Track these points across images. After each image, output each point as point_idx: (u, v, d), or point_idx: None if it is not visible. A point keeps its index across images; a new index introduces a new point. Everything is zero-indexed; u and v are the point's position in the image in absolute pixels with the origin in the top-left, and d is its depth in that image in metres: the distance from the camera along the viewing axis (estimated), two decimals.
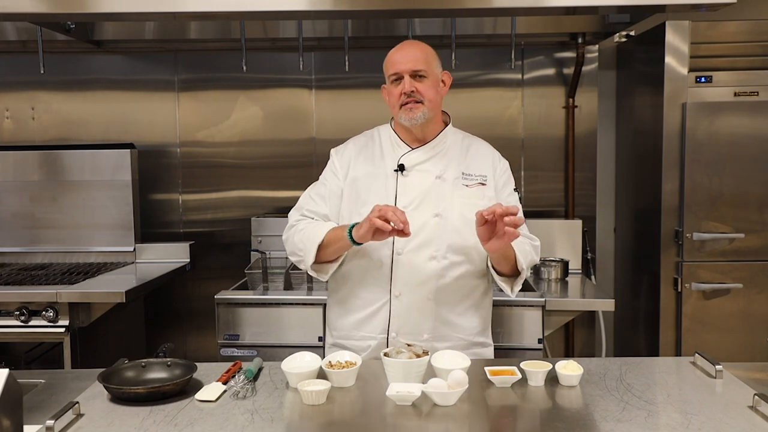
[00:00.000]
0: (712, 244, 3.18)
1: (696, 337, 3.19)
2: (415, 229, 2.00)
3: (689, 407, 1.62)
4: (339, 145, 2.26)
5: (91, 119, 3.83)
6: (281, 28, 3.55)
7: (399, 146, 2.14)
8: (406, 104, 2.03)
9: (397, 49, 2.09)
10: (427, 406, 1.62)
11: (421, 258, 2.04)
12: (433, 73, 2.07)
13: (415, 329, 2.06)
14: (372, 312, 2.08)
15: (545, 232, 3.52)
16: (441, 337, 2.07)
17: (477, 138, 2.25)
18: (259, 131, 3.80)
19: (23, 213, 3.68)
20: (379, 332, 2.08)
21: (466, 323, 2.11)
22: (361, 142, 2.22)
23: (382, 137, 2.19)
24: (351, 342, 2.12)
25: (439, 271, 2.04)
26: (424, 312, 2.05)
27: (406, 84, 2.03)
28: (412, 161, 2.10)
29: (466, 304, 2.11)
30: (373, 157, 2.15)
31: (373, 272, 2.06)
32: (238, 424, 1.55)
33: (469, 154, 2.17)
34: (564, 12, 3.01)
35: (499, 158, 2.21)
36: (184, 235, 3.85)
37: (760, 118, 3.14)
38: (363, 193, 2.10)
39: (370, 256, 2.05)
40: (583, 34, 3.55)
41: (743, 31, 3.19)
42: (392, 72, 2.06)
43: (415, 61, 2.04)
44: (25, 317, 2.91)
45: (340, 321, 2.16)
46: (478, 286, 2.13)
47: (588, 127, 3.75)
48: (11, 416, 1.32)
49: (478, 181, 2.12)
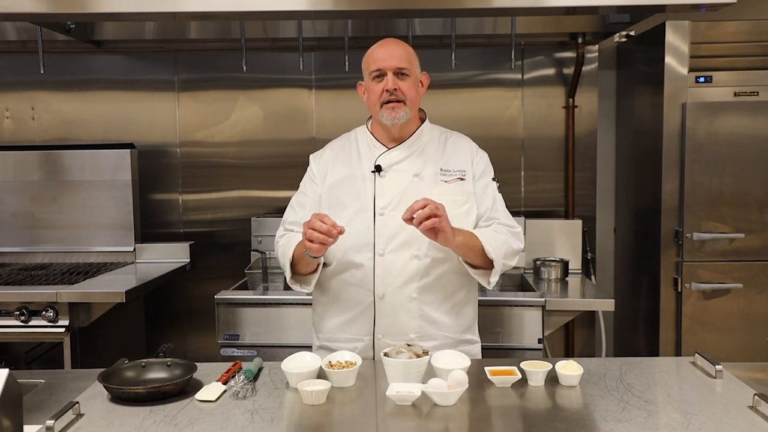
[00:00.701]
0: (712, 244, 3.18)
1: (696, 337, 3.19)
2: (395, 230, 2.02)
3: (689, 407, 1.62)
4: (317, 151, 2.25)
5: (91, 119, 3.82)
6: (281, 28, 3.55)
7: (375, 147, 2.12)
8: (389, 103, 2.02)
9: (379, 46, 2.07)
10: (427, 406, 1.62)
11: (403, 258, 2.03)
12: (414, 73, 2.06)
13: (400, 329, 2.05)
14: (357, 314, 2.08)
15: (545, 232, 3.53)
16: (427, 336, 2.06)
17: (455, 132, 2.23)
18: (259, 131, 3.80)
19: (23, 213, 3.68)
20: (365, 333, 2.08)
21: (451, 321, 2.10)
22: (338, 145, 2.21)
23: (359, 139, 2.18)
24: (337, 344, 2.10)
25: (421, 270, 2.03)
26: (408, 312, 2.05)
27: (389, 81, 2.01)
28: (388, 161, 2.09)
29: (451, 302, 2.10)
30: (350, 159, 2.15)
31: (356, 274, 2.06)
32: (238, 424, 1.55)
33: (447, 149, 2.15)
34: (564, 12, 3.01)
35: (477, 150, 2.19)
36: (184, 235, 3.85)
37: (760, 118, 3.14)
38: (342, 197, 2.10)
39: (352, 258, 2.05)
40: (583, 34, 3.55)
41: (743, 31, 3.19)
42: (374, 68, 2.03)
43: (399, 58, 2.02)
44: (25, 317, 2.91)
45: (325, 323, 2.15)
46: (462, 283, 2.11)
47: (588, 127, 3.74)
48: (11, 416, 1.32)
49: (456, 176, 2.10)
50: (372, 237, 2.04)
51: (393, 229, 2.02)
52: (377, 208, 2.05)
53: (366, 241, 2.03)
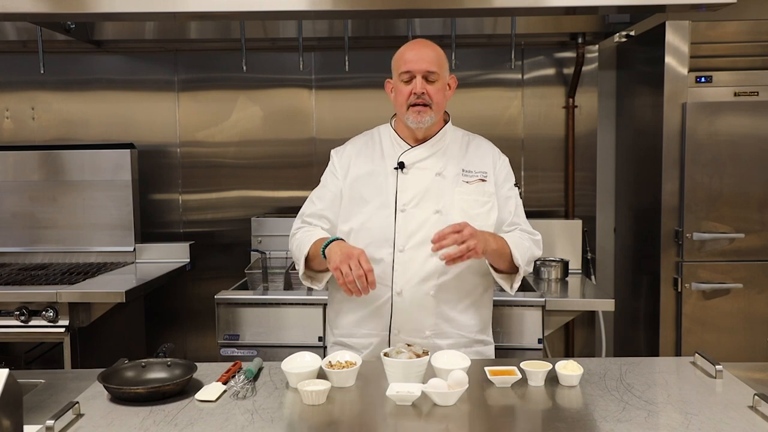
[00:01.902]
0: (712, 244, 3.18)
1: (696, 337, 3.19)
2: (415, 226, 2.04)
3: (689, 407, 1.62)
4: (339, 146, 2.26)
5: (91, 119, 3.82)
6: (281, 28, 3.55)
7: (399, 145, 2.14)
8: (415, 106, 2.03)
9: (410, 47, 2.07)
10: (427, 406, 1.62)
11: (423, 255, 2.04)
12: (443, 77, 2.07)
13: (417, 326, 2.06)
14: (374, 309, 2.09)
15: (545, 232, 3.48)
16: (442, 334, 2.08)
17: (477, 135, 2.26)
18: (259, 131, 3.80)
19: (23, 213, 3.68)
20: (381, 329, 2.09)
21: (467, 320, 2.11)
22: (361, 142, 2.22)
23: (382, 136, 2.20)
24: (353, 340, 2.13)
25: (440, 268, 2.04)
26: (425, 309, 2.06)
27: (417, 85, 2.02)
28: (411, 159, 2.11)
29: (468, 301, 2.11)
30: (373, 156, 2.16)
31: (375, 269, 2.04)
32: (238, 424, 1.55)
33: (470, 150, 2.18)
34: (564, 12, 3.01)
35: (499, 154, 2.22)
36: (184, 235, 3.85)
37: (760, 118, 3.14)
38: (364, 192, 2.11)
39: (372, 253, 2.04)
40: (583, 34, 3.55)
41: (743, 31, 3.19)
42: (404, 70, 2.04)
43: (429, 62, 2.03)
44: (25, 317, 2.91)
45: (341, 319, 2.17)
46: (479, 283, 2.13)
47: (588, 127, 3.75)
48: (11, 416, 1.32)
49: (478, 177, 2.12)
50: (393, 233, 2.05)
51: (413, 225, 2.04)
52: (399, 204, 2.06)
53: (386, 237, 2.04)
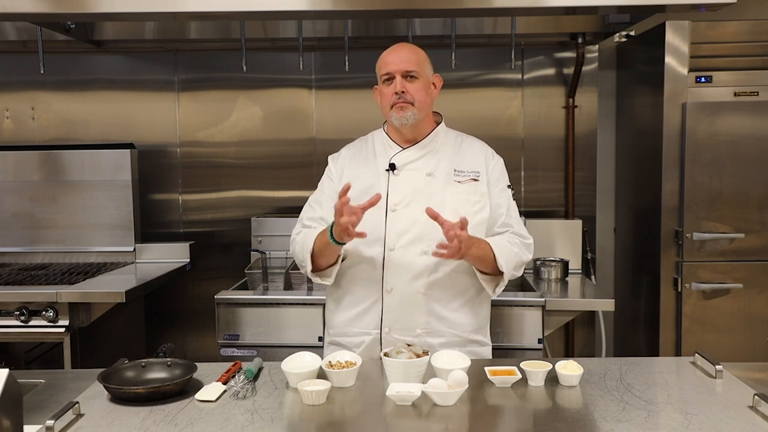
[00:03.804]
0: (712, 244, 3.18)
1: (696, 337, 3.19)
2: (406, 226, 2.07)
3: (689, 407, 1.62)
4: (335, 153, 2.31)
5: (91, 119, 3.82)
6: (281, 28, 3.55)
7: (390, 147, 2.18)
8: (397, 104, 2.07)
9: (389, 51, 2.14)
10: (427, 406, 1.62)
11: (413, 253, 2.06)
12: (424, 75, 2.11)
13: (408, 324, 2.08)
14: (365, 308, 2.11)
15: (545, 232, 3.53)
16: (435, 332, 2.09)
17: (470, 136, 2.27)
18: (259, 131, 3.80)
19: (23, 213, 3.67)
20: (373, 328, 2.10)
21: (460, 320, 2.11)
22: (355, 147, 2.28)
23: (375, 140, 2.24)
24: (346, 339, 2.15)
25: (430, 266, 2.06)
26: (416, 307, 2.07)
27: (397, 84, 2.07)
28: (402, 160, 2.14)
29: (461, 301, 2.12)
30: (366, 159, 2.20)
31: (366, 268, 2.10)
32: (238, 424, 1.55)
33: (462, 150, 2.20)
34: (564, 12, 3.01)
35: (493, 155, 2.23)
36: (184, 235, 3.85)
37: (760, 118, 3.14)
38: (356, 195, 2.12)
39: (362, 252, 2.09)
40: (583, 34, 3.55)
41: (743, 31, 3.19)
42: (384, 72, 2.10)
43: (407, 62, 2.08)
44: (25, 317, 2.91)
45: (335, 318, 2.19)
46: (472, 283, 2.13)
47: (588, 127, 3.74)
48: (11, 416, 1.32)
49: (470, 176, 2.14)
50: (383, 233, 2.07)
51: (404, 225, 2.07)
52: (390, 204, 2.09)
53: (377, 237, 2.06)
